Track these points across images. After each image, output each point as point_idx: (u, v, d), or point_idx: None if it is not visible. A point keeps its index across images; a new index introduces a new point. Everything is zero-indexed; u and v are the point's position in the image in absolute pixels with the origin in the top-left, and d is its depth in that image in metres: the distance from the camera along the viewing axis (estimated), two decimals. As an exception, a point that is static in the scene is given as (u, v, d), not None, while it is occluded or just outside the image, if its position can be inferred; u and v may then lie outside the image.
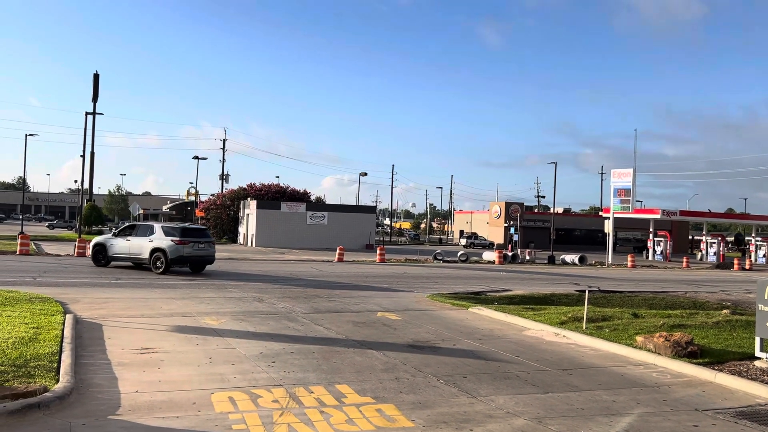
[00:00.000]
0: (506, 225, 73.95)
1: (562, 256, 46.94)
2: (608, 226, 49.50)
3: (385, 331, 13.09)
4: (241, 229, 58.62)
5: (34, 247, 37.03)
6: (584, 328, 13.41)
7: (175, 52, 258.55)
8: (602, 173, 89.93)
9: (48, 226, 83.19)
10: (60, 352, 9.19)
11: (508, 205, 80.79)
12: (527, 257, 46.19)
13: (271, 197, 58.94)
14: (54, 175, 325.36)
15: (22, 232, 37.99)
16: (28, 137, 53.52)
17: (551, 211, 73.88)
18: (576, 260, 45.09)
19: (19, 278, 19.68)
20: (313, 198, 66.26)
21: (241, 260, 34.38)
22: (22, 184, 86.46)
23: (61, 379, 7.81)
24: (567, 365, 10.56)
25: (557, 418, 7.57)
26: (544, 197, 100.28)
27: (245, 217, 57.01)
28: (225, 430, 6.66)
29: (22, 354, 8.80)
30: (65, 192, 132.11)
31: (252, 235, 53.52)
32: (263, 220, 52.80)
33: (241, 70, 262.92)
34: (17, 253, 31.18)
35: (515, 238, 60.75)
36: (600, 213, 78.49)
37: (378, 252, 38.71)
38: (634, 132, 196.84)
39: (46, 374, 7.98)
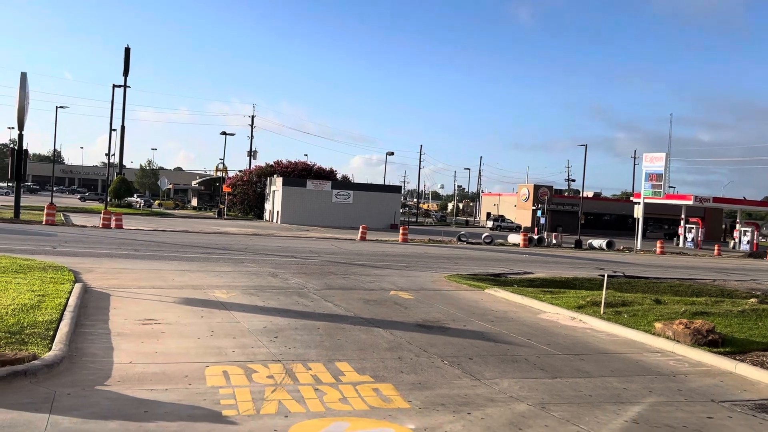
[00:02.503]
0: (534, 208, 72.91)
1: (589, 241, 46.12)
2: (638, 211, 48.39)
3: (396, 309, 12.81)
4: (267, 206, 58.80)
5: (62, 218, 37.56)
6: (602, 312, 12.96)
7: (205, 29, 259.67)
8: (635, 158, 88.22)
9: (80, 198, 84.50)
10: (59, 320, 9.08)
11: (536, 187, 79.62)
12: (553, 241, 45.45)
13: (297, 175, 58.91)
14: (87, 148, 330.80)
15: (51, 203, 38.52)
16: (59, 109, 54.08)
17: (581, 195, 72.63)
18: (603, 245, 44.26)
19: (39, 247, 19.82)
20: (339, 176, 66.12)
21: (264, 236, 34.38)
22: (53, 157, 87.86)
23: (53, 347, 7.67)
24: (580, 350, 10.16)
25: (562, 404, 7.22)
26: (574, 181, 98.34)
27: (271, 194, 57.13)
28: (212, 404, 6.45)
29: (19, 321, 8.70)
30: (98, 165, 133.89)
31: (278, 211, 53.62)
32: (289, 197, 52.80)
33: (270, 47, 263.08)
34: (43, 223, 31.59)
35: (542, 221, 59.88)
36: (631, 198, 76.91)
37: (401, 232, 38.39)
38: (669, 116, 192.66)
39: (39, 342, 7.85)
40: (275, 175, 57.76)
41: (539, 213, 61.66)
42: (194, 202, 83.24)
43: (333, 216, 52.72)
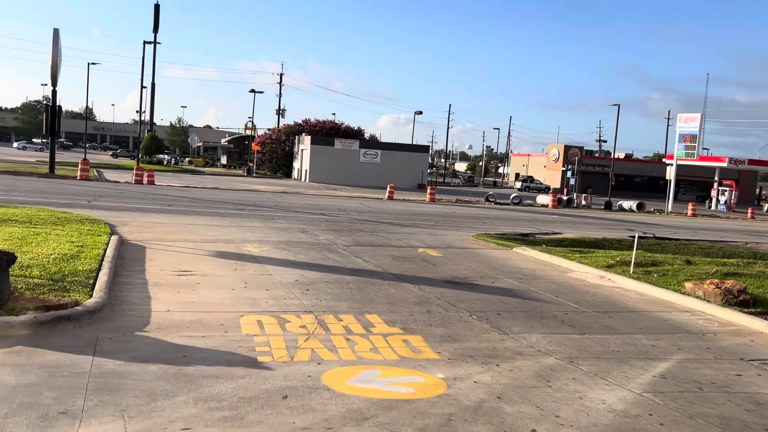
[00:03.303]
0: (564, 169, 72.10)
1: (619, 202, 45.62)
2: (670, 173, 47.60)
3: (424, 266, 12.93)
4: (296, 165, 59.05)
5: (96, 174, 38.22)
6: (631, 272, 12.93)
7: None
8: (668, 118, 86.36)
9: (112, 155, 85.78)
10: (98, 270, 9.37)
11: (567, 148, 78.56)
12: (583, 202, 45.04)
13: (325, 134, 58.88)
14: (118, 105, 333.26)
15: (84, 159, 39.16)
16: (90, 66, 54.52)
17: (612, 156, 71.53)
18: (634, 207, 43.75)
19: (75, 201, 20.27)
20: (367, 136, 65.92)
21: (293, 194, 34.66)
22: (85, 113, 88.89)
23: (94, 294, 7.94)
24: (608, 308, 10.20)
25: (590, 359, 7.30)
26: (605, 141, 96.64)
27: (299, 153, 57.31)
28: (248, 350, 6.66)
29: (61, 269, 9.00)
30: (129, 122, 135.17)
31: (306, 170, 53.84)
32: (317, 156, 52.93)
33: (299, 3, 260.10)
34: (78, 178, 32.20)
35: (572, 182, 59.27)
36: (663, 160, 75.55)
37: (428, 192, 38.35)
38: (705, 77, 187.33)
39: (81, 289, 8.13)
40: (303, 134, 57.83)
41: (569, 174, 61.01)
42: (223, 160, 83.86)
43: (360, 175, 52.79)
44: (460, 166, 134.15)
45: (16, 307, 6.94)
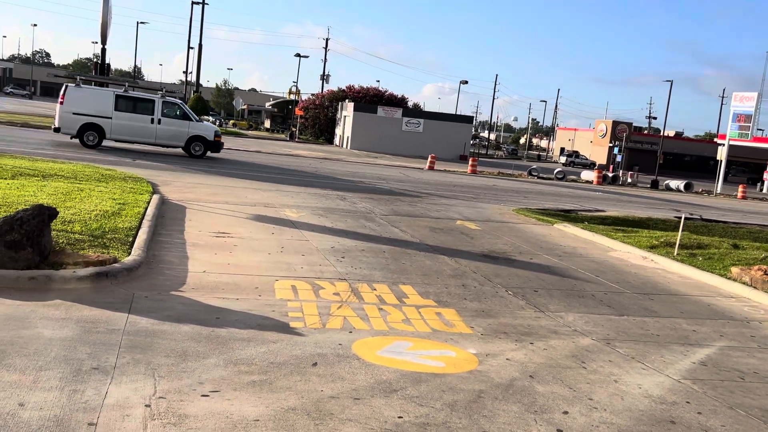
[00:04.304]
0: (611, 145, 70.45)
1: (666, 182, 44.44)
2: (721, 153, 46.05)
3: (461, 238, 12.78)
4: (338, 131, 59.00)
5: (141, 133, 38.75)
6: (675, 254, 12.56)
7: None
8: (723, 97, 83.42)
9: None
10: (138, 228, 9.49)
11: (615, 124, 76.69)
12: (629, 180, 44.01)
13: (368, 101, 58.55)
14: (166, 65, 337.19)
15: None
16: (139, 25, 55.01)
17: (661, 133, 69.56)
18: (681, 187, 42.57)
19: (120, 159, 20.60)
20: (410, 104, 65.38)
21: (333, 161, 34.67)
22: (134, 72, 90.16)
23: (132, 252, 8.04)
24: (649, 290, 9.92)
25: (628, 341, 7.11)
26: (655, 119, 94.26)
27: (342, 119, 57.18)
28: (280, 315, 6.67)
29: (101, 226, 9.14)
30: (176, 83, 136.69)
31: (348, 137, 53.76)
32: (359, 123, 52.73)
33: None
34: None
35: (618, 159, 57.94)
36: (714, 139, 73.15)
37: (470, 163, 37.91)
38: (765, 54, 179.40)
39: (120, 247, 8.24)
40: (347, 100, 57.62)
41: (616, 150, 59.57)
42: (267, 123, 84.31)
43: (402, 144, 52.46)
44: (503, 138, 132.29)
45: (57, 262, 7.07)
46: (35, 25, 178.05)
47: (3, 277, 6.53)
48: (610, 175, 43.43)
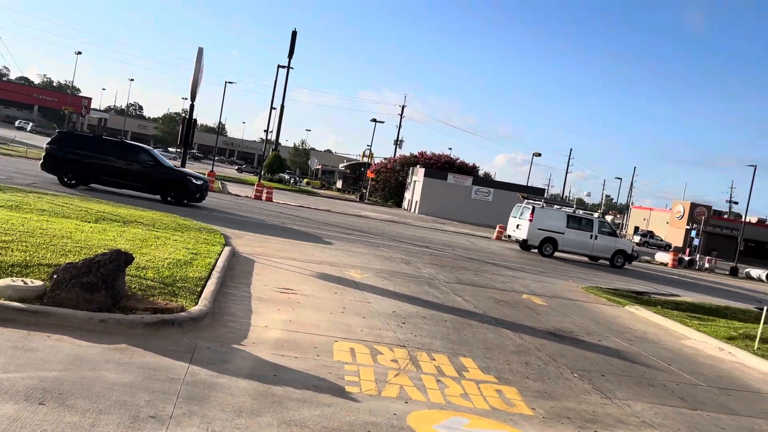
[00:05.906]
0: (688, 227, 68.10)
1: (747, 270, 42.37)
2: (809, 244, 43.68)
3: (527, 313, 12.45)
4: (407, 195, 59.54)
5: (219, 186, 40.24)
6: (756, 348, 11.83)
7: (361, 18, 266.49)
8: (812, 185, 79.60)
9: (237, 170, 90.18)
10: (207, 278, 9.70)
11: (693, 206, 74.30)
12: (706, 265, 42.20)
13: (439, 167, 59.06)
14: (249, 123, 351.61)
15: (211, 171, 41.38)
16: (227, 85, 57.81)
17: (743, 219, 66.80)
18: (763, 276, 40.45)
19: (197, 210, 21.32)
20: (481, 173, 65.51)
21: (401, 224, 34.85)
22: (218, 128, 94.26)
23: (199, 302, 8.20)
24: (726, 384, 9.33)
25: (701, 439, 6.65)
26: (736, 203, 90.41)
27: (412, 184, 57.76)
28: (337, 378, 6.60)
29: (173, 274, 9.40)
30: (256, 140, 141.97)
31: (416, 202, 54.13)
32: (429, 188, 53.11)
33: (424, 38, 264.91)
34: (202, 188, 33.95)
35: (696, 242, 55.83)
36: (802, 229, 69.64)
37: (540, 235, 37.26)
38: None
39: (188, 296, 8.43)
40: (418, 166, 58.31)
41: (693, 233, 57.53)
42: (339, 184, 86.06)
43: (470, 212, 52.34)
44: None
45: (127, 306, 7.28)
46: (132, 80, 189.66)
47: (76, 317, 6.76)
48: (686, 258, 41.80)
